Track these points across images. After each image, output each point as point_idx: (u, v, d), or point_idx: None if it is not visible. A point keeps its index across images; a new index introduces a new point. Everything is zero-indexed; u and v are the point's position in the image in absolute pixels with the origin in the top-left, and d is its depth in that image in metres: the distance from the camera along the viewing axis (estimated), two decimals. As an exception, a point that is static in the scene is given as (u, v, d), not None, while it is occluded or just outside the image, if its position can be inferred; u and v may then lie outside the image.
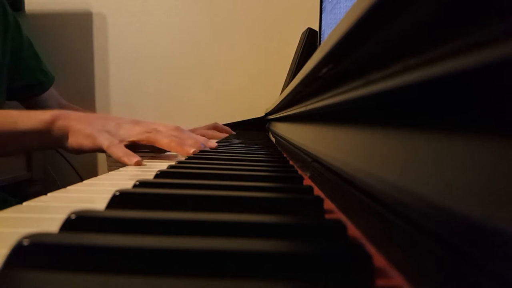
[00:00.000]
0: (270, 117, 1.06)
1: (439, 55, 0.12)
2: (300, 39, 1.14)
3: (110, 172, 0.42)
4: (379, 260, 0.16)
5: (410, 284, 0.14)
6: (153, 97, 1.49)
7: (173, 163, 0.42)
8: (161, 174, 0.35)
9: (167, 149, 0.53)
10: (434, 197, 0.13)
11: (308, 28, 1.11)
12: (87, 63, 1.51)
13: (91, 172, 1.51)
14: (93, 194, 0.31)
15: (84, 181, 0.36)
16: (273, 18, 1.47)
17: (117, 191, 0.24)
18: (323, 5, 0.92)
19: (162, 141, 0.53)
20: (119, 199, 0.24)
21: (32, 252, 0.14)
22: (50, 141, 0.55)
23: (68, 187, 0.32)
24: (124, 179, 0.39)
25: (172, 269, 0.14)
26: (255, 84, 1.48)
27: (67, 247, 0.15)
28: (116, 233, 0.17)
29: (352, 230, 0.21)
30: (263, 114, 1.28)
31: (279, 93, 1.16)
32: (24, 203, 0.26)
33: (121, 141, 0.52)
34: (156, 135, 0.53)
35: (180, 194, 0.24)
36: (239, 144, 0.74)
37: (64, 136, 0.54)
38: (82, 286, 0.12)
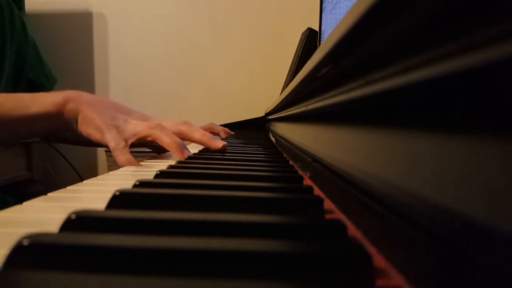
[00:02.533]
0: (270, 117, 1.06)
1: (439, 55, 0.12)
2: (300, 39, 1.14)
3: (110, 172, 0.42)
4: (379, 260, 0.16)
5: (410, 284, 0.14)
6: (153, 97, 1.49)
7: (173, 162, 0.42)
8: (161, 174, 0.35)
9: (168, 149, 0.54)
10: (434, 197, 0.13)
11: (308, 28, 1.11)
12: (87, 63, 1.51)
13: (91, 172, 1.51)
14: (93, 194, 0.31)
15: (84, 181, 0.36)
16: (273, 18, 1.47)
17: (117, 191, 0.24)
18: (323, 5, 0.92)
19: (164, 140, 0.53)
20: (119, 199, 0.24)
21: (32, 252, 0.14)
22: (61, 124, 0.54)
23: (68, 187, 0.32)
24: (124, 179, 0.39)
25: (172, 269, 0.14)
26: (255, 84, 1.48)
27: (67, 247, 0.15)
28: (116, 233, 0.17)
29: (352, 230, 0.20)
30: (263, 114, 1.28)
31: (279, 93, 1.16)
32: (24, 203, 0.26)
33: (126, 140, 0.52)
34: (159, 132, 0.53)
35: (180, 194, 0.24)
36: (239, 144, 0.74)
37: (74, 119, 0.54)
38: (82, 286, 0.12)
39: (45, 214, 0.24)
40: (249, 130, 1.32)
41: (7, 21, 0.81)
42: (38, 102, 0.53)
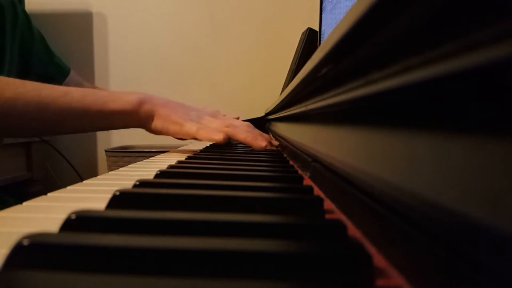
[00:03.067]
0: (270, 117, 1.06)
1: (439, 55, 0.12)
2: (300, 39, 1.14)
3: (110, 172, 0.42)
4: (379, 260, 0.16)
5: (410, 284, 0.14)
6: (153, 97, 1.49)
7: (173, 162, 0.42)
8: (161, 174, 0.35)
9: (244, 142, 0.63)
10: (434, 197, 0.13)
11: (308, 28, 1.11)
12: (87, 63, 1.51)
13: (91, 172, 1.51)
14: (93, 194, 0.31)
15: (84, 181, 0.36)
16: (273, 18, 1.47)
17: (117, 191, 0.24)
18: (323, 5, 0.92)
19: (239, 136, 0.62)
20: (119, 199, 0.24)
21: (32, 252, 0.14)
22: (135, 122, 0.61)
23: (68, 187, 0.32)
24: (124, 179, 0.39)
25: (172, 269, 0.14)
26: (255, 84, 1.48)
27: (67, 247, 0.15)
28: (116, 233, 0.17)
29: (352, 230, 0.20)
30: (263, 114, 1.28)
31: (279, 93, 1.16)
32: (24, 203, 0.26)
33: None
34: (234, 130, 0.62)
35: (180, 194, 0.24)
36: (239, 144, 0.74)
37: (149, 119, 0.61)
38: (82, 286, 0.12)
39: (45, 214, 0.24)
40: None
41: (8, 19, 0.80)
42: (116, 100, 0.59)
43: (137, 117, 0.60)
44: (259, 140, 0.64)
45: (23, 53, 0.85)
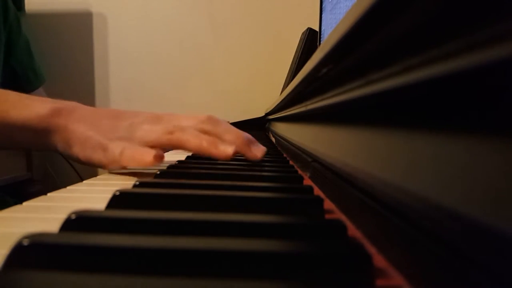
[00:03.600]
0: (270, 117, 1.06)
1: (439, 55, 0.12)
2: (300, 39, 1.14)
3: (110, 172, 0.42)
4: (379, 260, 0.16)
5: (410, 284, 0.14)
6: (153, 97, 1.49)
7: (173, 162, 0.42)
8: (161, 174, 0.35)
9: (198, 153, 0.41)
10: (434, 197, 0.13)
11: (308, 28, 1.11)
12: (87, 63, 1.51)
13: (91, 172, 1.51)
14: (93, 194, 0.31)
15: (84, 181, 0.36)
16: (273, 18, 1.47)
17: (117, 191, 0.24)
18: (323, 5, 0.92)
19: (190, 143, 0.40)
20: (119, 199, 0.24)
21: (32, 252, 0.14)
22: (44, 143, 0.42)
23: (68, 187, 0.32)
24: (124, 179, 0.39)
25: (172, 269, 0.14)
26: (255, 84, 1.48)
27: (67, 247, 0.14)
28: (116, 233, 0.17)
29: (352, 230, 0.20)
30: (263, 114, 1.28)
31: (279, 93, 1.16)
32: (24, 203, 0.26)
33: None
34: (180, 136, 0.41)
35: (180, 194, 0.24)
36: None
37: (64, 141, 0.42)
38: (82, 286, 0.12)
39: (45, 214, 0.24)
40: (249, 130, 1.31)
41: None
42: (20, 108, 0.42)
43: (44, 135, 0.42)
44: (223, 146, 0.40)
45: (6, 52, 0.85)
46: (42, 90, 1.04)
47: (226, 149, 0.39)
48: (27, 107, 0.42)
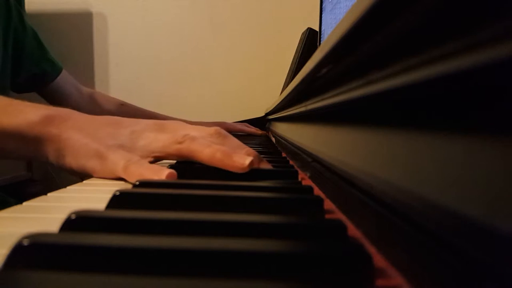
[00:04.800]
0: (270, 117, 1.06)
1: (439, 55, 0.12)
2: (300, 39, 1.14)
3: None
4: (379, 260, 0.16)
5: (410, 284, 0.14)
6: (153, 97, 1.49)
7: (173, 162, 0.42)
8: (161, 174, 0.35)
9: (210, 165, 0.36)
10: (434, 197, 0.13)
11: (308, 28, 1.11)
12: (87, 63, 1.51)
13: (91, 172, 1.51)
14: (93, 194, 0.31)
15: (84, 181, 0.36)
16: (273, 18, 1.47)
17: (117, 191, 0.24)
18: (323, 5, 0.92)
19: (202, 154, 0.36)
20: (119, 199, 0.24)
21: (32, 252, 0.14)
22: (35, 151, 0.39)
23: (68, 187, 0.32)
24: (124, 179, 0.39)
25: (172, 269, 0.14)
26: (255, 84, 1.48)
27: (67, 247, 0.15)
28: (116, 233, 0.17)
29: (352, 230, 0.20)
30: (263, 114, 1.28)
31: (279, 93, 1.16)
32: (24, 203, 0.26)
33: (141, 158, 0.37)
34: (191, 146, 0.37)
35: (180, 194, 0.24)
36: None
37: (56, 151, 0.38)
38: (82, 286, 0.12)
39: (45, 214, 0.24)
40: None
41: (1, 13, 0.80)
42: (11, 114, 0.39)
43: (34, 144, 0.39)
44: (238, 156, 0.35)
45: (15, 50, 0.84)
46: (67, 76, 1.00)
47: (242, 160, 0.35)
48: (19, 113, 0.40)
